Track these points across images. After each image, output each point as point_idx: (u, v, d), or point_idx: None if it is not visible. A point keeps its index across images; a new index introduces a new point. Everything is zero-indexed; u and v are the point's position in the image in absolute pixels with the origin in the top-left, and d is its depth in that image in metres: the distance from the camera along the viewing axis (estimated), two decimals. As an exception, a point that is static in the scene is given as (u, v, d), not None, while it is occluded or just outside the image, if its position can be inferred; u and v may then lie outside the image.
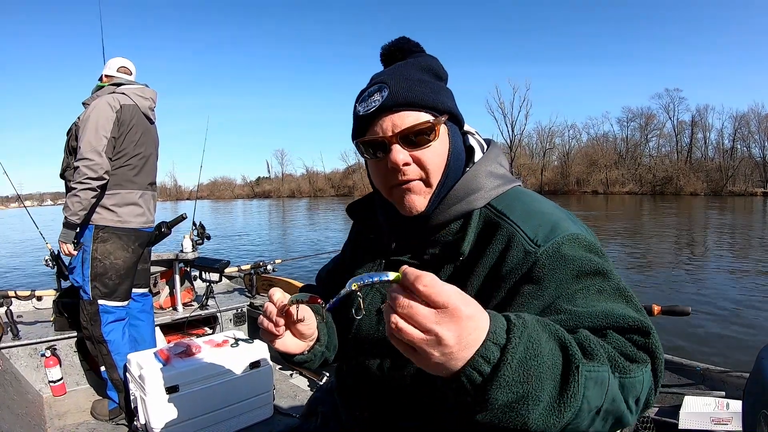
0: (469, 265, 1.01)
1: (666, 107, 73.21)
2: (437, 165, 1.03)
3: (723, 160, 67.71)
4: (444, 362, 0.64)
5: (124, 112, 3.01)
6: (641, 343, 0.83)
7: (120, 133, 2.98)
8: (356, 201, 1.33)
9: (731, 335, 6.38)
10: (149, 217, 3.21)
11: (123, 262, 3.00)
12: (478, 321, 0.65)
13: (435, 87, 1.05)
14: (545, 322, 0.74)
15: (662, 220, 26.88)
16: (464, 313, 0.63)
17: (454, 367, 0.65)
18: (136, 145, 3.09)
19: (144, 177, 3.18)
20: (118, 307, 3.01)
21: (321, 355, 1.17)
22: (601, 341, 0.78)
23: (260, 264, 4.49)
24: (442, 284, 0.64)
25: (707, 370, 2.10)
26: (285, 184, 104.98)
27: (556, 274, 0.89)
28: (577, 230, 0.96)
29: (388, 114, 1.00)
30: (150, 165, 3.25)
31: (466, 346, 0.63)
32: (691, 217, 28.66)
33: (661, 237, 18.52)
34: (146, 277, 3.36)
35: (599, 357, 0.74)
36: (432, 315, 0.62)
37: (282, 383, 3.33)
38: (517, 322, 0.68)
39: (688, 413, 1.76)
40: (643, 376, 0.79)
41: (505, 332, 0.66)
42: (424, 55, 1.13)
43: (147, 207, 3.19)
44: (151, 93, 3.25)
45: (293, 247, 17.79)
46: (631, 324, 0.83)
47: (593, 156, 74.22)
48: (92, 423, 2.91)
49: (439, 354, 0.63)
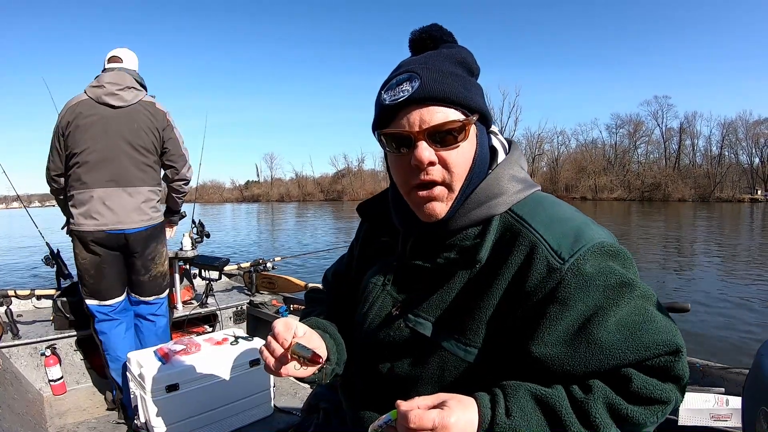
0: (487, 274, 0.97)
1: (654, 114, 74.00)
2: (462, 168, 0.97)
3: (711, 167, 68.36)
4: None
5: (67, 114, 2.88)
6: (669, 367, 0.87)
7: (65, 135, 2.89)
8: (368, 200, 1.27)
9: (730, 332, 6.41)
10: (109, 218, 2.88)
11: (88, 263, 2.91)
12: (464, 421, 0.84)
13: (467, 83, 0.98)
14: (539, 399, 0.87)
15: (651, 225, 27.02)
16: (449, 422, 0.81)
17: None
18: (80, 141, 2.86)
19: (98, 173, 2.87)
20: (103, 306, 2.97)
21: (332, 372, 1.14)
22: (614, 400, 0.86)
23: (260, 261, 4.48)
24: (424, 413, 0.81)
25: (706, 367, 2.10)
26: (274, 188, 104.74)
27: (582, 293, 0.88)
28: (600, 237, 0.93)
29: (417, 107, 0.93)
30: (107, 158, 2.89)
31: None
32: (679, 223, 28.81)
33: (651, 242, 18.61)
34: (152, 284, 3.11)
35: (599, 426, 0.85)
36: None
37: (282, 381, 3.32)
38: (498, 412, 0.85)
39: (687, 410, 1.75)
40: (657, 418, 0.88)
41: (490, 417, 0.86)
42: (458, 46, 1.05)
43: (109, 206, 2.88)
44: (110, 77, 2.93)
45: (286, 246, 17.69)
46: (659, 351, 0.87)
47: (582, 162, 74.74)
48: (93, 422, 2.91)
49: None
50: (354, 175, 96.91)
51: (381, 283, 1.15)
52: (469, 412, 0.85)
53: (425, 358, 1.01)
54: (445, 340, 0.99)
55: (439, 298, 1.01)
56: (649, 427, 0.88)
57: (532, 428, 0.83)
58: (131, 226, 2.93)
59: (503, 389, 0.88)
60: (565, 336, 0.88)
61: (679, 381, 0.89)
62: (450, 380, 0.99)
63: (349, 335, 1.22)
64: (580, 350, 0.87)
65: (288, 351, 0.99)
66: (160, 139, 3.05)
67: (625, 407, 0.85)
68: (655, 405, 0.86)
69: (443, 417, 0.80)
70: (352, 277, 1.31)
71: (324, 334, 1.16)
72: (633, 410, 0.85)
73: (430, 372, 1.01)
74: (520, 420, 0.83)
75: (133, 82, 3.01)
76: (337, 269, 1.44)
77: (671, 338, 0.87)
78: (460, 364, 0.97)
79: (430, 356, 1.01)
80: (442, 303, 1.01)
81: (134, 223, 2.94)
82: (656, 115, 73.78)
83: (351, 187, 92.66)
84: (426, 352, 1.01)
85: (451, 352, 0.98)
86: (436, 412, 0.81)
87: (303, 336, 1.04)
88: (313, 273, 8.99)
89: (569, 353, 0.87)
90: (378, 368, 1.10)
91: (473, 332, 0.96)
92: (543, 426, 0.85)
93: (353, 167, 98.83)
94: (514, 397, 0.86)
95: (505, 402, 0.86)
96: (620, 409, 0.85)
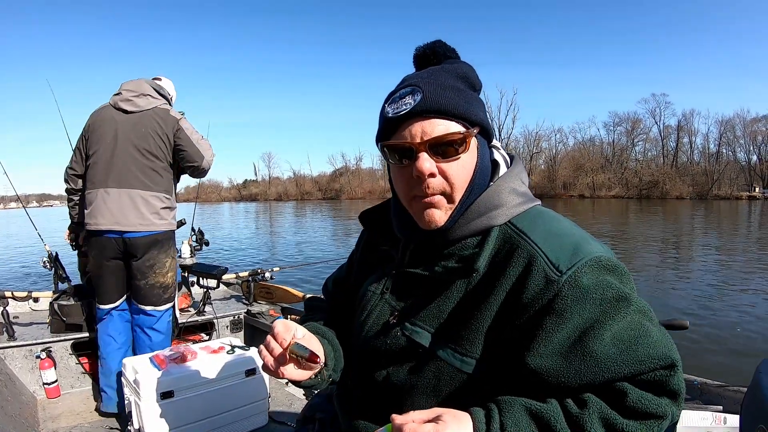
0: (485, 285, 0.97)
1: (652, 112, 74.26)
2: (463, 179, 0.99)
3: (708, 165, 68.55)
4: None
5: (90, 118, 3.07)
6: (665, 381, 0.87)
7: (86, 137, 3.05)
8: (370, 209, 1.28)
9: (728, 349, 6.38)
10: (108, 218, 2.89)
11: (92, 263, 3.05)
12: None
13: (469, 97, 1.00)
14: (534, 414, 0.87)
15: (649, 224, 27.01)
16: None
17: None
18: (94, 143, 2.99)
19: (104, 174, 2.93)
20: (100, 308, 3.05)
21: (328, 377, 1.15)
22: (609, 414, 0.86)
23: (259, 271, 4.48)
24: (418, 427, 0.83)
25: (704, 384, 2.09)
26: (272, 187, 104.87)
27: (579, 305, 0.88)
28: (597, 252, 0.93)
29: (419, 120, 0.96)
30: (113, 160, 2.94)
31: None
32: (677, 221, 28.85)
33: (649, 243, 18.57)
34: (150, 292, 3.06)
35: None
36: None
37: (277, 391, 3.31)
38: (493, 427, 0.85)
39: (685, 427, 1.74)
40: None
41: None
42: (460, 62, 1.08)
43: (109, 206, 2.90)
44: (129, 85, 3.06)
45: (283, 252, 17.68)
46: (655, 365, 0.86)
47: (580, 160, 74.89)
48: (86, 426, 2.89)
49: None
50: (352, 173, 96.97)
51: (379, 291, 1.16)
52: (463, 427, 0.85)
53: (421, 367, 1.02)
54: (442, 350, 0.99)
55: (436, 308, 1.02)
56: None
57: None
58: (129, 228, 2.91)
59: (498, 404, 0.89)
60: (561, 348, 0.88)
61: (675, 396, 0.88)
62: (446, 390, 0.99)
63: (347, 343, 1.23)
64: (576, 362, 0.87)
65: (286, 351, 1.00)
66: (171, 144, 3.06)
67: (621, 422, 0.85)
68: (650, 420, 0.86)
69: (437, 431, 0.81)
70: (351, 285, 1.31)
71: (322, 339, 1.16)
72: (628, 425, 0.85)
73: (425, 381, 1.01)
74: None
75: (150, 90, 3.10)
76: (337, 276, 1.45)
77: (667, 352, 0.87)
78: (455, 373, 0.97)
79: (426, 365, 1.01)
80: (439, 312, 1.01)
81: (132, 227, 2.92)
82: (654, 113, 74.16)
83: (349, 185, 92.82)
84: (422, 361, 1.02)
85: (447, 361, 0.98)
86: (431, 425, 0.82)
87: (302, 338, 1.04)
88: (312, 284, 8.94)
89: (564, 365, 0.88)
90: (374, 376, 1.11)
91: (470, 342, 0.96)
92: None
93: (351, 166, 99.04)
94: (509, 412, 0.86)
95: (500, 417, 0.86)
96: (615, 423, 0.85)
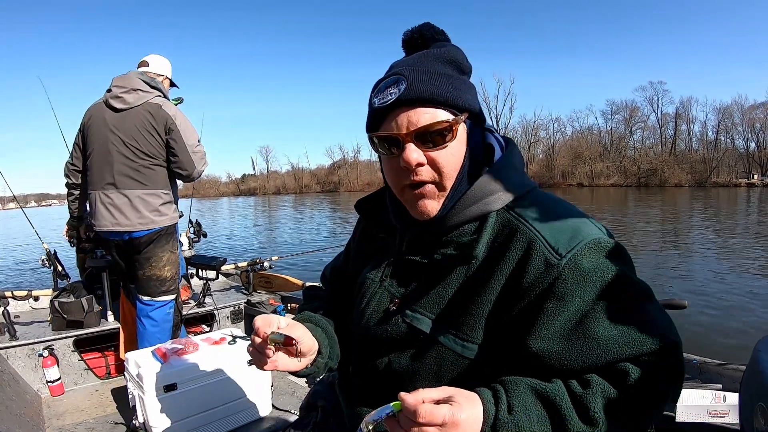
0: (485, 270, 0.97)
1: (650, 99, 73.79)
2: (452, 167, 0.98)
3: (707, 152, 68.28)
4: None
5: (85, 116, 3.04)
6: (666, 361, 0.87)
7: (83, 133, 3.03)
8: (366, 197, 1.26)
9: (727, 327, 6.40)
10: (108, 220, 2.92)
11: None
12: (473, 417, 0.82)
13: (456, 82, 0.98)
14: (539, 394, 0.87)
15: (648, 211, 27.03)
16: (460, 419, 0.79)
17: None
18: (89, 143, 2.97)
19: (98, 176, 2.94)
20: None
21: (324, 366, 1.15)
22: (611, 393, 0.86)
23: (257, 261, 4.49)
24: (435, 408, 0.79)
25: (703, 363, 2.10)
26: (270, 181, 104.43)
27: (579, 288, 0.88)
28: (597, 234, 0.93)
29: (405, 109, 0.94)
30: (105, 161, 2.91)
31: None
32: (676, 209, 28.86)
33: (648, 228, 18.60)
34: (146, 282, 3.08)
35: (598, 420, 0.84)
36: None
37: (280, 380, 3.32)
38: (500, 408, 0.84)
39: (684, 406, 1.75)
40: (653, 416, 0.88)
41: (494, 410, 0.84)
42: (448, 44, 1.06)
43: (108, 208, 2.91)
44: (119, 80, 2.95)
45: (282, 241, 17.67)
46: (656, 346, 0.86)
47: (578, 149, 74.55)
48: (91, 422, 2.91)
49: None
50: (350, 166, 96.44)
51: (379, 278, 1.15)
52: (476, 408, 0.84)
53: (422, 353, 1.02)
54: (443, 336, 0.99)
55: (436, 294, 1.02)
56: None
57: (533, 424, 0.83)
58: (129, 229, 2.92)
59: (504, 384, 0.88)
60: (563, 331, 0.88)
61: (676, 375, 0.89)
62: (447, 375, 0.99)
63: (347, 330, 1.23)
64: (577, 345, 0.87)
65: (266, 343, 1.01)
66: (163, 142, 2.97)
67: (623, 401, 0.85)
68: (651, 399, 0.86)
69: (454, 413, 0.79)
70: (349, 273, 1.31)
71: (315, 327, 1.16)
72: (630, 404, 0.85)
73: (427, 367, 1.01)
74: (522, 415, 0.83)
75: (140, 84, 2.96)
76: (335, 264, 1.45)
77: (667, 333, 0.87)
78: (457, 359, 0.98)
79: (428, 351, 1.01)
80: (439, 299, 1.01)
81: (132, 226, 2.92)
82: (652, 101, 73.62)
83: (347, 178, 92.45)
84: (423, 347, 1.02)
85: (449, 347, 0.98)
86: (446, 407, 0.80)
87: (286, 327, 1.05)
88: (311, 272, 8.95)
89: (566, 348, 0.88)
90: (376, 363, 1.11)
91: (470, 328, 0.96)
92: (544, 421, 0.85)
93: (349, 158, 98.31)
94: (515, 392, 0.86)
95: (506, 397, 0.85)
96: (618, 403, 0.85)
